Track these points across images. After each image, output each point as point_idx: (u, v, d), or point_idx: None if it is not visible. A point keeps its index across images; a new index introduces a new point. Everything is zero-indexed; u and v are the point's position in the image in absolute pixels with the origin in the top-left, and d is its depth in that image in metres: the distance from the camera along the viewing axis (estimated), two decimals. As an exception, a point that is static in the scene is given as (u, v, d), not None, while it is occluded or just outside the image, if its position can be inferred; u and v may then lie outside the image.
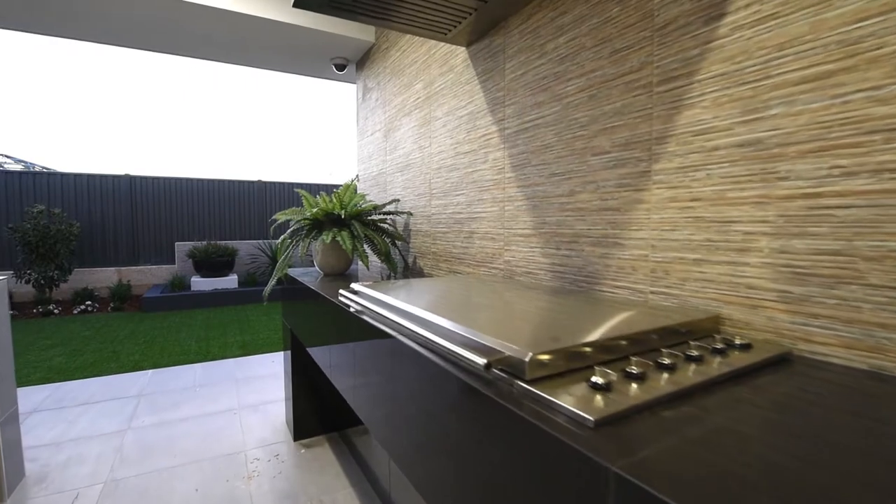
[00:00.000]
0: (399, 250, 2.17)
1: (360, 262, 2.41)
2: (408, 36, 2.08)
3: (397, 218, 2.22)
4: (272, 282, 1.81)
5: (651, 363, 0.63)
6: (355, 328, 1.15)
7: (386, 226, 2.08)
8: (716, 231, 0.85)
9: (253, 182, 8.14)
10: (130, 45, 2.67)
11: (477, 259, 1.59)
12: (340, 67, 2.81)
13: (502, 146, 1.44)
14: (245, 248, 7.35)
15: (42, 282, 6.00)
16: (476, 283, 1.30)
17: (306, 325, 1.73)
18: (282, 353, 3.72)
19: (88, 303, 5.90)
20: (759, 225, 0.78)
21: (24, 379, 3.13)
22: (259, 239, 7.87)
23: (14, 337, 4.38)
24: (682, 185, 0.91)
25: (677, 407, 0.53)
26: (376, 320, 1.03)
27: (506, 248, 1.43)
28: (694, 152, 0.88)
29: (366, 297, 1.18)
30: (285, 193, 8.43)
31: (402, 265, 2.17)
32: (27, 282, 6.00)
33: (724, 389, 0.59)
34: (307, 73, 3.09)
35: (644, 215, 0.99)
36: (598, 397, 0.53)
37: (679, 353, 0.67)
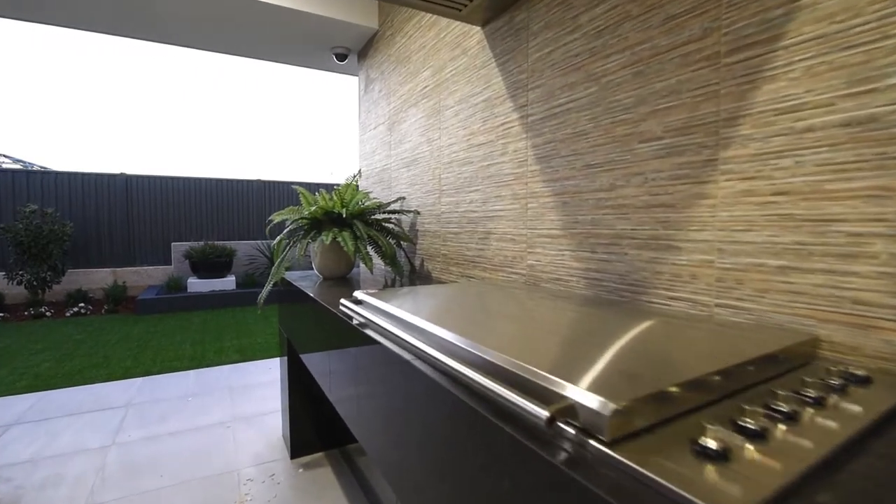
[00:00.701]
0: (405, 252, 2.00)
1: (362, 266, 2.25)
2: (415, 20, 1.91)
3: (403, 217, 2.06)
4: (268, 287, 1.65)
5: (764, 410, 0.47)
6: (358, 344, 0.99)
7: (391, 226, 1.92)
8: (809, 232, 0.69)
9: (252, 181, 7.98)
10: (116, 32, 2.51)
11: (494, 263, 1.43)
12: (341, 57, 2.64)
13: (525, 136, 1.27)
14: (243, 248, 7.19)
15: (34, 283, 5.83)
16: (498, 291, 1.14)
17: (303, 334, 1.57)
18: (279, 359, 3.56)
19: (81, 305, 5.73)
20: (873, 224, 0.62)
21: (8, 387, 2.97)
22: (258, 239, 7.70)
23: (2, 342, 4.23)
24: (760, 175, 0.74)
25: (830, 484, 0.37)
26: (384, 336, 0.87)
27: (529, 250, 1.27)
28: (778, 135, 0.72)
29: (370, 307, 1.02)
30: (285, 193, 8.26)
31: (407, 268, 2.00)
32: (19, 283, 5.84)
33: (870, 449, 0.43)
34: (306, 64, 2.93)
35: (708, 212, 0.82)
36: (714, 470, 0.37)
37: (793, 394, 0.51)
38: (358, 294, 1.09)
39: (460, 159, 1.59)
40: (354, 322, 1.03)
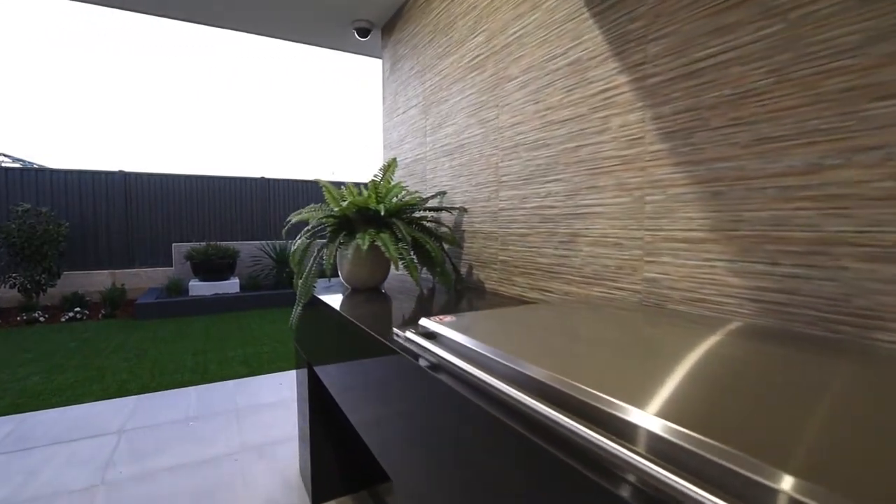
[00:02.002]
0: (448, 257, 1.68)
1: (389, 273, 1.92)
2: (460, -23, 1.59)
3: (444, 215, 1.74)
4: (297, 309, 1.33)
5: None
6: (434, 397, 0.67)
7: (431, 225, 1.60)
8: None
9: (255, 179, 7.66)
10: (113, 3, 2.19)
11: (585, 274, 1.10)
12: (364, 32, 2.32)
13: (639, 105, 0.95)
14: (247, 249, 6.87)
15: (28, 286, 5.52)
16: (645, 316, 0.82)
17: (332, 361, 1.25)
18: (291, 371, 3.25)
19: (77, 309, 5.42)
20: None
21: (-11, 406, 2.66)
22: (262, 240, 7.39)
23: (-12, 351, 3.92)
24: None
25: None
26: (479, 394, 0.55)
27: (647, 258, 0.95)
28: None
29: (451, 346, 0.70)
30: (289, 191, 7.94)
31: (453, 276, 1.68)
32: (12, 286, 5.53)
33: None
34: (324, 42, 2.61)
35: None
36: None
37: None
38: (429, 324, 0.77)
39: (530, 142, 1.27)
40: (422, 363, 0.72)
